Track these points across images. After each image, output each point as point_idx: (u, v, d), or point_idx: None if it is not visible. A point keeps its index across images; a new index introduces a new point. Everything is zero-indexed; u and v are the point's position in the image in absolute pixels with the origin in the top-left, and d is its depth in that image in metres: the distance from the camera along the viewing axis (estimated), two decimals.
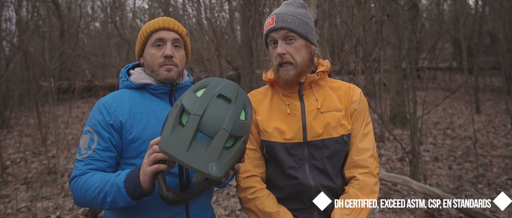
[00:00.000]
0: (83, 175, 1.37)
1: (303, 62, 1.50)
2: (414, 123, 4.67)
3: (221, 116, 1.18)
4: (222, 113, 1.19)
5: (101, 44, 14.47)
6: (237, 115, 1.21)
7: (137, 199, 1.29)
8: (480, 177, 4.95)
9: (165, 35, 1.49)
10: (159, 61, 1.47)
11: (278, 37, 1.49)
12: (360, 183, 1.49)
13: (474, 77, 9.80)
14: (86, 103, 11.51)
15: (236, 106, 1.22)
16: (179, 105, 1.20)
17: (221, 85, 1.24)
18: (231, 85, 1.27)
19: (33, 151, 6.85)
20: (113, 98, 1.48)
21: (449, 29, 10.16)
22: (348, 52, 7.37)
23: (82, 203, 1.40)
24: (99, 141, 1.40)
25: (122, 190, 1.27)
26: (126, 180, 1.28)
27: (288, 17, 1.49)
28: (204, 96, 1.20)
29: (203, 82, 1.28)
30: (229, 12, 11.19)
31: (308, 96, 1.55)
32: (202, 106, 1.18)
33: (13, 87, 9.31)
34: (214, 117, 1.17)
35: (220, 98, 1.21)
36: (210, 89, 1.23)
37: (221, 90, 1.23)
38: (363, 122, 1.56)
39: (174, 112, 1.19)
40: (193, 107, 1.17)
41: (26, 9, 9.94)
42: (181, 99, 1.22)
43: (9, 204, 4.39)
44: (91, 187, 1.32)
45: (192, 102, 1.19)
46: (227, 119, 1.18)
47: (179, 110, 1.19)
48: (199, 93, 1.23)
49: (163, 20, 1.51)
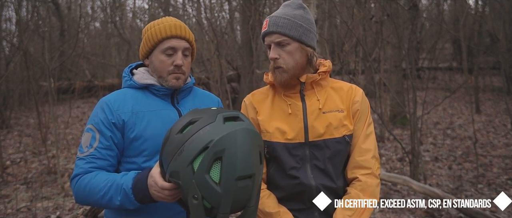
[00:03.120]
0: (86, 174, 1.37)
1: (296, 65, 1.50)
2: (414, 123, 4.67)
3: (246, 198, 1.16)
4: (247, 196, 1.15)
5: (101, 44, 14.47)
6: (258, 184, 1.20)
7: (144, 204, 1.33)
8: (480, 177, 4.95)
9: (176, 44, 1.48)
10: (169, 69, 1.48)
11: (271, 41, 1.50)
12: (362, 184, 1.49)
13: (474, 77, 9.80)
14: (86, 103, 11.51)
15: (257, 175, 1.17)
16: (200, 198, 1.10)
17: (239, 159, 1.11)
18: (247, 150, 1.13)
19: (33, 151, 6.85)
20: (115, 97, 1.48)
21: (449, 29, 10.16)
22: (348, 52, 7.37)
23: (85, 202, 1.40)
24: (101, 139, 1.40)
25: (130, 197, 1.30)
26: (134, 187, 1.30)
27: (281, 21, 1.48)
28: (225, 186, 1.09)
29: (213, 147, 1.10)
30: (229, 12, 11.18)
31: (309, 97, 1.55)
32: (227, 202, 1.10)
33: (13, 87, 9.31)
34: (240, 205, 1.16)
35: (242, 181, 1.12)
36: (229, 172, 1.10)
37: (241, 171, 1.11)
38: (365, 123, 1.56)
39: (198, 207, 1.10)
40: (218, 204, 1.10)
41: (26, 9, 9.94)
42: (198, 188, 1.10)
43: (9, 204, 4.39)
44: (96, 188, 1.33)
45: (214, 197, 1.10)
46: (252, 198, 1.17)
47: (201, 202, 1.11)
48: (215, 176, 1.10)
49: (175, 26, 1.49)
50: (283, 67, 1.49)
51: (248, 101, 1.63)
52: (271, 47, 1.50)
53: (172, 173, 1.16)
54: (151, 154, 1.43)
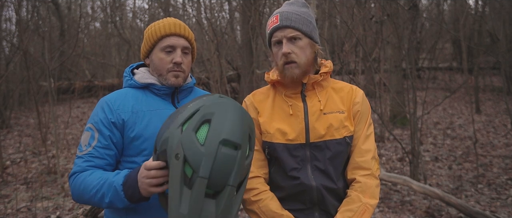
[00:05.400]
0: (82, 172, 1.38)
1: (307, 61, 1.50)
2: (414, 123, 4.67)
3: (228, 171, 1.10)
4: (228, 167, 1.11)
5: (101, 44, 14.47)
6: (243, 164, 1.14)
7: (135, 202, 1.30)
8: (480, 177, 4.95)
9: (175, 42, 1.50)
10: (168, 67, 1.49)
11: (283, 36, 1.48)
12: (362, 185, 1.48)
13: (474, 77, 9.80)
14: (86, 103, 11.51)
15: (242, 152, 1.13)
16: (181, 158, 1.09)
17: (227, 125, 1.12)
18: (237, 120, 1.14)
19: (33, 151, 6.85)
20: (116, 96, 1.49)
21: (449, 29, 10.16)
22: (348, 52, 7.37)
23: (80, 200, 1.40)
24: (100, 138, 1.41)
25: (120, 193, 1.28)
26: (124, 184, 1.28)
27: (293, 16, 1.48)
28: (209, 147, 1.09)
29: (204, 109, 1.14)
30: (229, 12, 11.19)
31: (310, 97, 1.54)
32: (207, 164, 1.08)
33: (13, 87, 9.32)
34: (221, 176, 1.10)
35: (226, 147, 1.11)
36: (214, 133, 1.10)
37: (227, 134, 1.10)
38: (366, 124, 1.56)
39: (177, 168, 1.09)
40: (198, 165, 1.08)
41: (26, 9, 9.93)
42: (182, 147, 1.10)
43: (9, 204, 4.39)
44: (89, 186, 1.33)
45: (196, 156, 1.08)
46: (234, 173, 1.11)
47: (181, 163, 1.09)
48: (201, 136, 1.11)
49: (174, 24, 1.51)
50: (296, 62, 1.47)
51: (249, 102, 1.62)
52: (282, 43, 1.48)
53: (163, 142, 1.15)
54: (151, 153, 1.42)
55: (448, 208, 3.93)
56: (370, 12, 7.41)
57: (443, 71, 13.91)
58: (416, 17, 6.37)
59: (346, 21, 5.94)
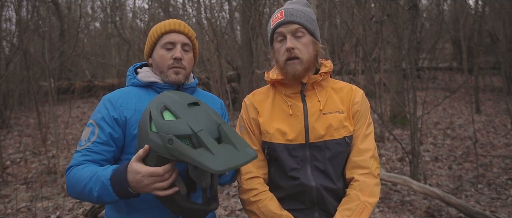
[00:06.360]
0: (78, 166, 1.38)
1: (309, 58, 1.50)
2: (414, 123, 4.67)
3: (210, 117, 1.25)
4: (207, 114, 1.26)
5: (101, 44, 14.47)
6: (213, 110, 1.30)
7: (123, 198, 1.29)
8: (480, 177, 4.95)
9: (175, 38, 1.52)
10: (169, 63, 1.51)
11: (287, 32, 1.48)
12: (360, 184, 1.48)
13: (474, 77, 9.80)
14: (86, 103, 11.51)
15: (202, 103, 1.31)
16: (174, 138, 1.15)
17: (181, 97, 1.28)
18: (178, 93, 1.32)
19: (33, 151, 6.85)
20: (119, 94, 1.51)
21: (449, 29, 10.16)
22: (348, 52, 7.37)
23: (73, 193, 1.40)
24: (99, 134, 1.42)
25: (108, 188, 1.27)
26: (111, 178, 1.27)
27: (298, 12, 1.49)
28: (182, 114, 1.21)
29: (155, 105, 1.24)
30: (229, 12, 11.19)
31: (310, 97, 1.55)
32: (193, 121, 1.19)
33: (13, 87, 9.32)
34: (208, 122, 1.23)
35: (191, 106, 1.27)
36: (178, 107, 1.23)
37: (187, 100, 1.28)
38: (365, 124, 1.56)
39: (180, 146, 1.14)
40: (188, 130, 1.16)
41: (26, 9, 9.92)
42: (164, 133, 1.17)
43: (9, 204, 4.39)
44: (80, 179, 1.33)
45: (182, 126, 1.17)
46: (214, 115, 1.27)
47: (178, 141, 1.15)
48: (170, 117, 1.21)
49: (174, 22, 1.54)
50: (299, 58, 1.47)
51: (248, 102, 1.63)
52: (286, 38, 1.49)
53: (152, 150, 1.21)
54: None
55: (448, 208, 3.93)
56: (370, 12, 7.41)
57: (443, 71, 13.92)
58: (416, 17, 6.37)
59: (346, 21, 5.94)
